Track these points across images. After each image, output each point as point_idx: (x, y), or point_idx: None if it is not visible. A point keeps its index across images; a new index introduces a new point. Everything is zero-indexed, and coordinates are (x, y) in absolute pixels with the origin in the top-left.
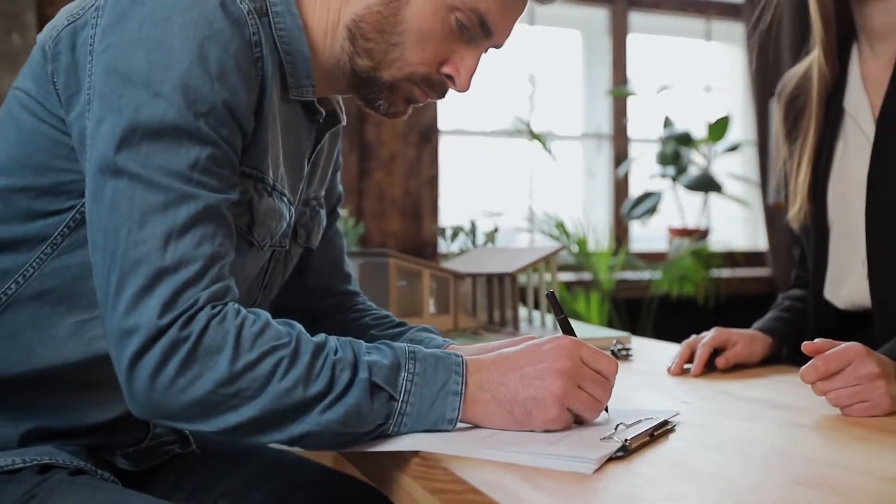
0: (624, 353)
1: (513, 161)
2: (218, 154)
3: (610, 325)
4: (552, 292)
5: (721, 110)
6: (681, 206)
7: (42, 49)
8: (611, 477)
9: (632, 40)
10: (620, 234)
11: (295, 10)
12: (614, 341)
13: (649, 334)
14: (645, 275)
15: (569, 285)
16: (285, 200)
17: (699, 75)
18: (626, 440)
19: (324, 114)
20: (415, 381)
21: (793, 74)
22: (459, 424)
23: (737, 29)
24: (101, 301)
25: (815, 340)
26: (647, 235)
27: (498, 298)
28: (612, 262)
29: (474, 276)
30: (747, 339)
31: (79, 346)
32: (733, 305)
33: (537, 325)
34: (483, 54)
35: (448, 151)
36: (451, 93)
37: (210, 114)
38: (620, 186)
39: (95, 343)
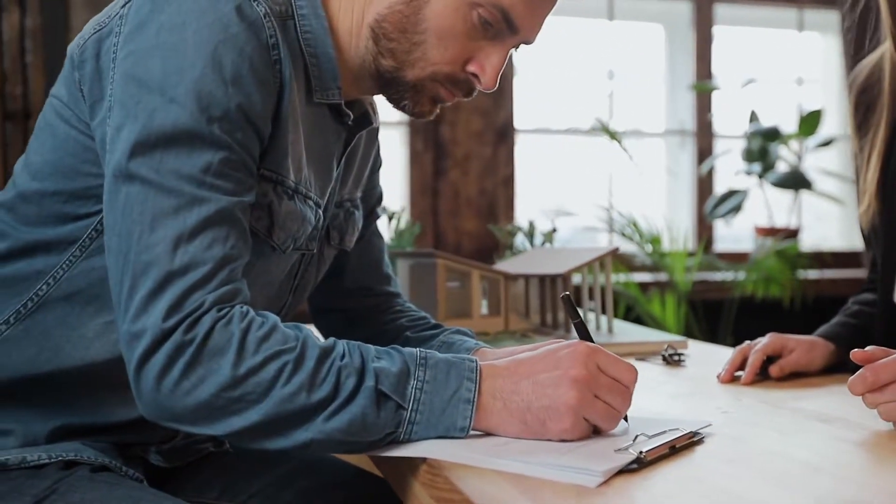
0: (676, 358)
1: (593, 159)
2: (232, 157)
3: (687, 328)
4: (567, 294)
5: (814, 103)
6: (769, 205)
7: (71, 57)
8: (616, 491)
9: (717, 33)
10: (704, 233)
11: (321, 12)
12: (665, 346)
13: (729, 338)
14: (727, 276)
15: (644, 286)
16: (310, 203)
17: (790, 67)
18: (641, 452)
19: (351, 116)
20: (424, 388)
21: (864, 65)
22: (474, 431)
23: (831, 17)
24: (115, 304)
25: (868, 348)
26: (735, 235)
27: (550, 300)
28: (689, 262)
29: (527, 278)
30: (805, 346)
31: (106, 346)
32: (822, 308)
33: (592, 328)
34: (512, 51)
35: (526, 150)
36: (521, 91)
37: (224, 118)
38: (704, 184)
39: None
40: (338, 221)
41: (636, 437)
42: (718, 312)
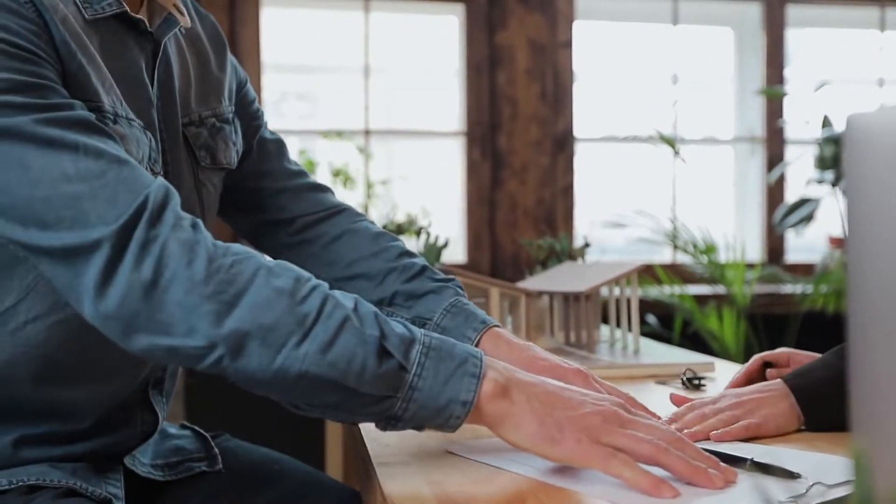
0: (696, 382)
1: (656, 168)
2: (33, 81)
3: (747, 344)
4: None
5: None
6: (844, 215)
7: None
8: None
9: (790, 35)
10: (774, 244)
11: None
12: (685, 370)
13: None
14: (795, 289)
15: (702, 299)
16: (135, 125)
17: (871, 69)
18: None
19: (147, 23)
20: (430, 355)
21: None
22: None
23: None
24: (32, 253)
25: None
26: (810, 246)
27: (574, 318)
28: (749, 274)
29: (551, 294)
30: None
31: (5, 337)
32: None
33: (619, 348)
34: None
35: (588, 159)
36: (581, 99)
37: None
38: (774, 193)
39: (18, 334)
40: (202, 140)
41: (811, 485)
42: (783, 328)
